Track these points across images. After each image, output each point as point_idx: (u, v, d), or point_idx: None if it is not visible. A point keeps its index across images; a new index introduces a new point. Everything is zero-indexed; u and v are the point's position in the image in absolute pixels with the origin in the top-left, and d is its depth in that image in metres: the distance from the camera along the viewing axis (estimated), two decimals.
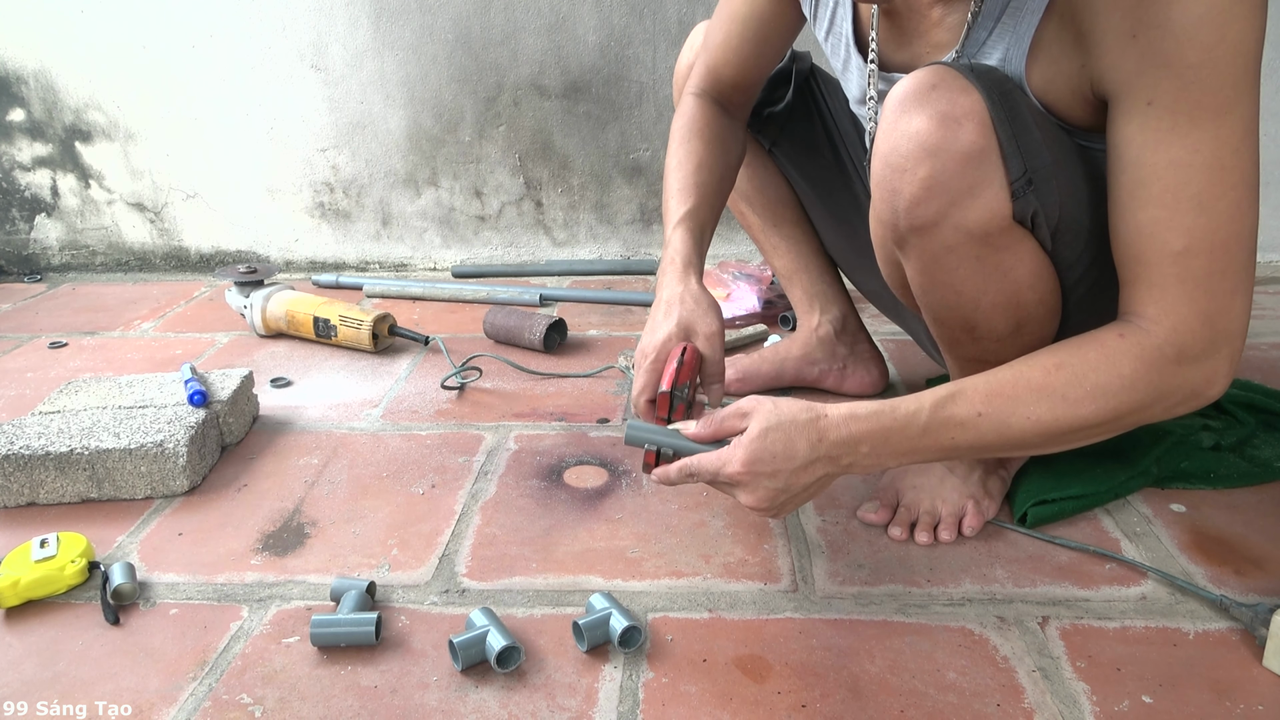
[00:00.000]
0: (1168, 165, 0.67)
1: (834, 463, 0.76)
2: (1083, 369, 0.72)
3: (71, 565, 0.87)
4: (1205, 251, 0.68)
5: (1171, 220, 0.68)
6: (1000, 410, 0.73)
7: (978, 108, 0.71)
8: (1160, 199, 0.68)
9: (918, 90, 0.73)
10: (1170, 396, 0.72)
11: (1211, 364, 0.71)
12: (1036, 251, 0.78)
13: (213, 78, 1.85)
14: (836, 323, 1.25)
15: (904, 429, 0.74)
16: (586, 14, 1.76)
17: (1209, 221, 0.67)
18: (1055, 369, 0.72)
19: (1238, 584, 0.85)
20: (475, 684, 0.75)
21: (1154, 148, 0.68)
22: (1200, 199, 0.67)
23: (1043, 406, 0.72)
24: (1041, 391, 0.72)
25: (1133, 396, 0.71)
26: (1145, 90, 0.67)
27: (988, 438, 0.73)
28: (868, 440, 0.75)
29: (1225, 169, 0.67)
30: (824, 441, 0.75)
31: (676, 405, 0.84)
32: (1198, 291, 0.69)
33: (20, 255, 2.03)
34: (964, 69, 0.72)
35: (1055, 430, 0.73)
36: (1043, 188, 0.73)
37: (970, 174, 0.72)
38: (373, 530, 0.97)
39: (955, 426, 0.73)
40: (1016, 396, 0.73)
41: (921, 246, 0.78)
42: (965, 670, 0.75)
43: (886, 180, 0.76)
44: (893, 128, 0.74)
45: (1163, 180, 0.68)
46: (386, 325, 1.49)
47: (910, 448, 0.75)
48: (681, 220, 0.96)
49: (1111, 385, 0.71)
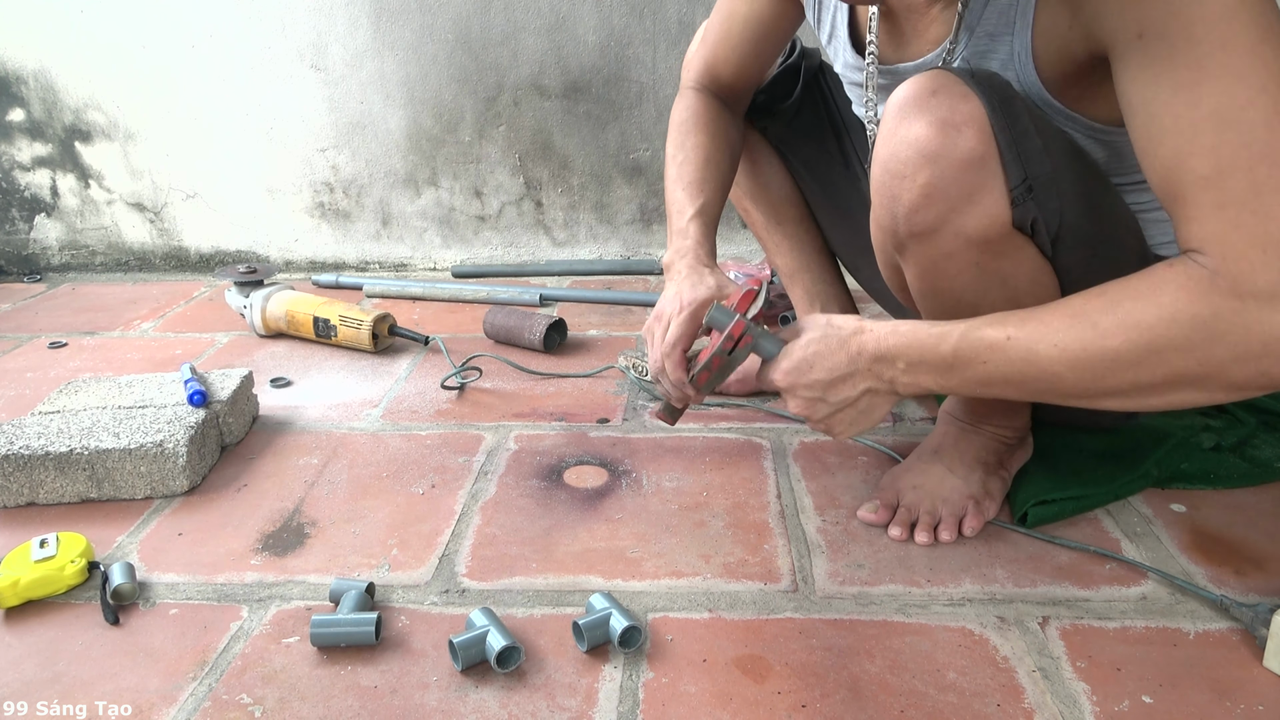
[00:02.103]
0: (1173, 89, 0.62)
1: (876, 377, 0.77)
2: (1120, 296, 0.65)
3: (71, 565, 0.87)
4: (1243, 169, 0.60)
5: (1193, 145, 0.61)
6: (1030, 334, 0.68)
7: (978, 114, 0.70)
8: (1176, 127, 0.62)
9: (918, 96, 0.72)
10: (1230, 339, 0.61)
11: None
12: (1036, 259, 0.78)
13: (212, 78, 1.85)
14: None
15: (936, 345, 0.73)
16: (586, 14, 1.76)
17: (1237, 136, 0.60)
18: (1095, 295, 0.67)
19: (1238, 584, 0.85)
20: (475, 684, 0.75)
21: (1156, 79, 0.62)
22: (1220, 114, 0.60)
23: (1072, 333, 0.66)
24: (1073, 318, 0.67)
25: (1172, 330, 0.63)
26: (1133, 24, 0.63)
27: (1016, 365, 0.69)
28: (903, 355, 0.75)
29: (1244, 75, 0.59)
30: (863, 354, 0.76)
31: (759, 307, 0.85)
32: (1244, 215, 0.60)
33: (20, 255, 2.03)
34: (964, 74, 0.72)
35: (1083, 363, 0.66)
36: (1043, 195, 0.73)
37: (970, 180, 0.72)
38: (373, 530, 0.97)
39: (985, 348, 0.71)
40: (1047, 321, 0.68)
41: (921, 252, 0.78)
42: (965, 670, 0.75)
43: (886, 186, 0.76)
44: (892, 134, 0.74)
45: (1172, 107, 0.62)
46: (386, 325, 1.49)
47: (946, 370, 0.73)
48: (698, 213, 0.97)
49: (1147, 315, 0.63)
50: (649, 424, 1.21)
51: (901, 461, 1.03)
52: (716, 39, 1.04)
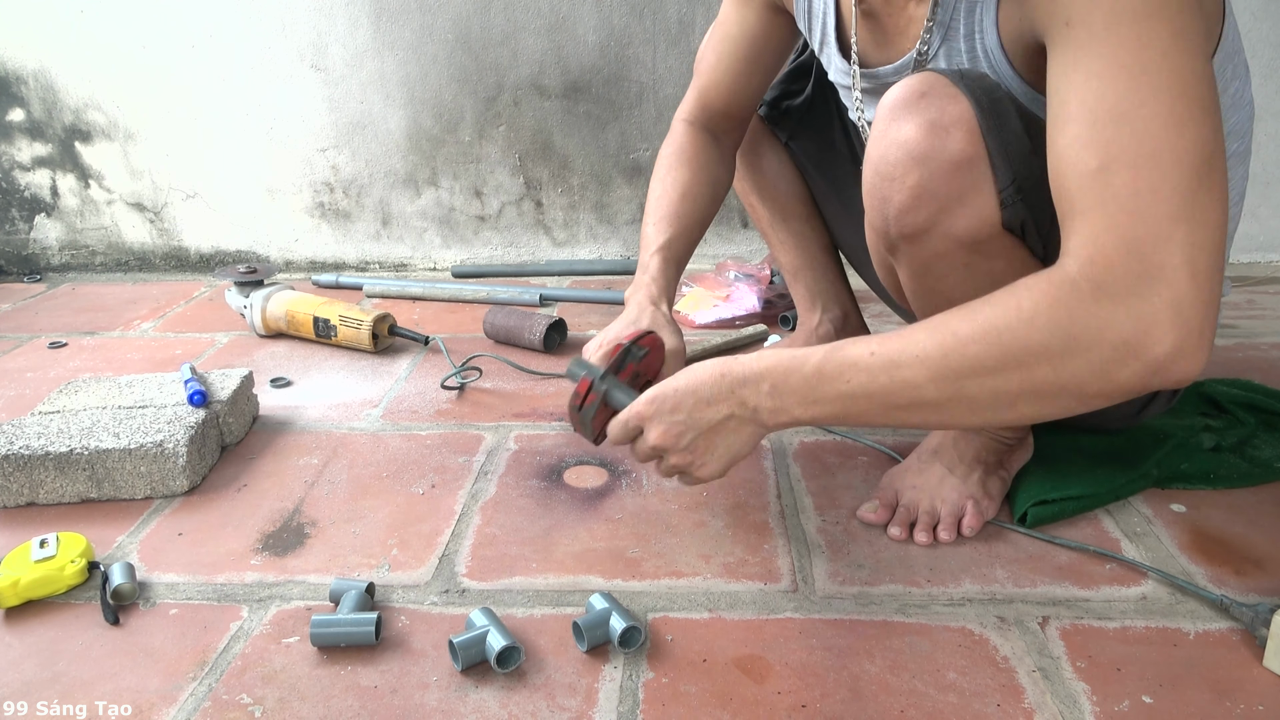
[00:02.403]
0: (1084, 78, 0.61)
1: (740, 403, 0.74)
2: (980, 304, 0.65)
3: (71, 565, 0.87)
4: (1128, 166, 0.59)
5: (1089, 136, 0.60)
6: (892, 348, 0.67)
7: (966, 116, 0.70)
8: (1077, 115, 0.61)
9: (907, 98, 0.73)
10: (1086, 340, 0.60)
11: (1144, 305, 0.58)
12: (1027, 260, 0.78)
13: (212, 78, 1.85)
14: (837, 322, 1.25)
15: (799, 368, 0.71)
16: (586, 14, 1.76)
17: (1130, 131, 0.59)
18: (958, 309, 0.66)
19: (1238, 584, 0.85)
20: (475, 684, 0.75)
21: (1073, 65, 0.62)
22: (1120, 108, 0.59)
23: (932, 342, 0.65)
24: (934, 329, 0.66)
25: (1031, 335, 0.61)
26: (1062, 11, 0.63)
27: (879, 381, 0.67)
28: (768, 377, 0.73)
29: (1149, 71, 0.59)
30: (727, 376, 0.74)
31: (627, 363, 0.84)
32: (1120, 214, 0.59)
33: (20, 255, 2.03)
34: (953, 76, 0.72)
35: (943, 372, 0.65)
36: (1032, 196, 0.73)
37: (959, 182, 0.72)
38: (373, 530, 0.97)
39: (849, 366, 0.69)
40: (908, 335, 0.67)
41: (912, 254, 0.78)
42: (965, 670, 0.75)
43: (877, 188, 0.76)
44: (882, 136, 0.74)
45: (1079, 95, 0.61)
46: (386, 325, 1.49)
47: (809, 391, 0.71)
48: (660, 249, 0.98)
49: (1006, 320, 0.62)
50: None
51: (901, 461, 1.03)
52: (709, 65, 1.05)
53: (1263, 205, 1.82)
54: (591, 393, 0.82)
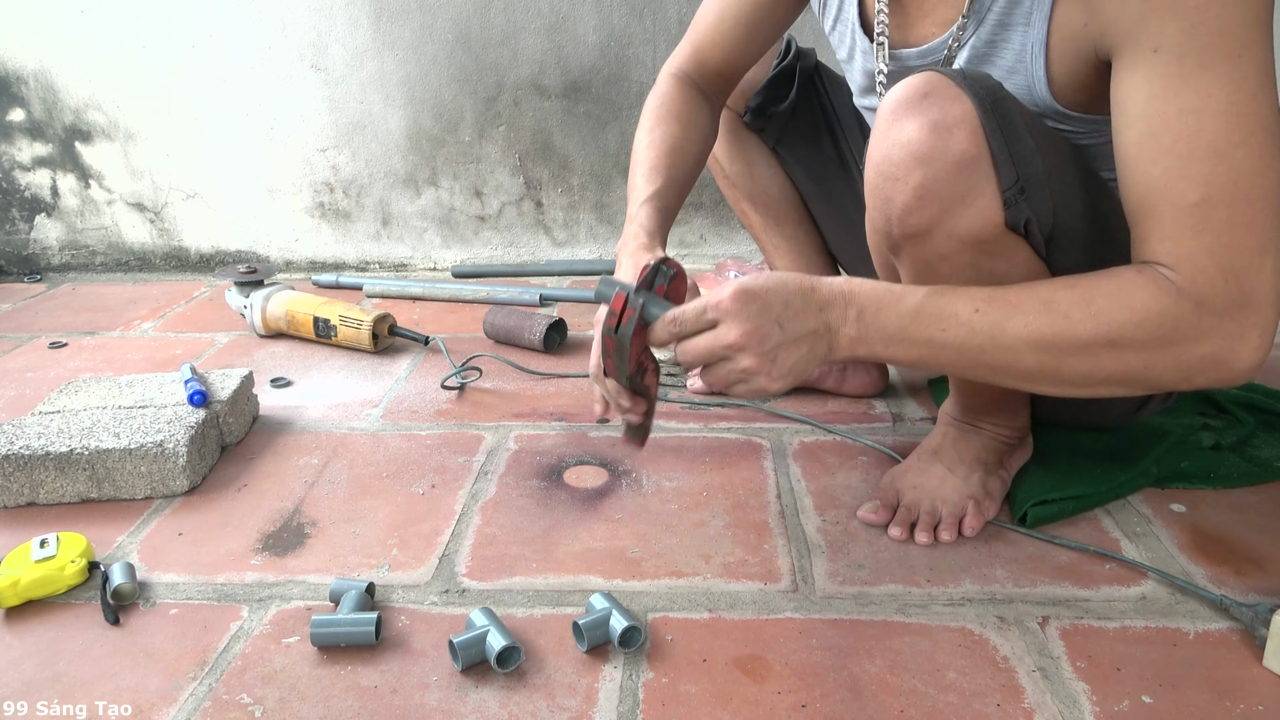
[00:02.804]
0: (1179, 113, 0.64)
1: (823, 321, 0.71)
2: (1092, 292, 0.68)
3: (71, 565, 0.87)
4: (1226, 202, 0.63)
5: (1186, 170, 0.64)
6: (998, 313, 0.69)
7: (969, 116, 0.70)
8: (1173, 149, 0.64)
9: (910, 98, 0.72)
10: (1184, 346, 0.66)
11: (1236, 325, 0.65)
12: (1031, 259, 0.78)
13: (213, 78, 1.85)
14: None
15: (896, 303, 0.71)
16: (586, 14, 1.76)
17: (1229, 170, 0.63)
18: (1066, 287, 0.69)
19: (1238, 584, 0.85)
20: (475, 684, 0.75)
21: (1164, 96, 0.64)
22: (1217, 146, 0.63)
23: (1043, 319, 0.68)
24: (1046, 304, 0.69)
25: (1139, 331, 0.67)
26: (1150, 37, 0.64)
27: (979, 339, 0.70)
28: (857, 302, 0.71)
29: (1243, 114, 0.62)
30: (816, 291, 0.71)
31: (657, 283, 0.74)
32: (1218, 244, 0.64)
33: (20, 255, 2.03)
34: (956, 75, 0.72)
35: (1050, 352, 0.69)
36: (1035, 195, 0.73)
37: (962, 182, 0.72)
38: (373, 530, 0.97)
39: (949, 317, 0.70)
40: (1018, 304, 0.69)
41: (915, 254, 0.78)
42: (965, 670, 0.75)
43: (879, 188, 0.76)
44: (885, 135, 0.74)
45: (1174, 129, 0.64)
46: (386, 325, 1.49)
47: (897, 327, 0.71)
48: (649, 199, 0.93)
49: (1118, 314, 0.67)
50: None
51: (901, 461, 1.03)
52: (708, 25, 1.02)
53: None
54: (628, 308, 0.71)
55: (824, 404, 1.25)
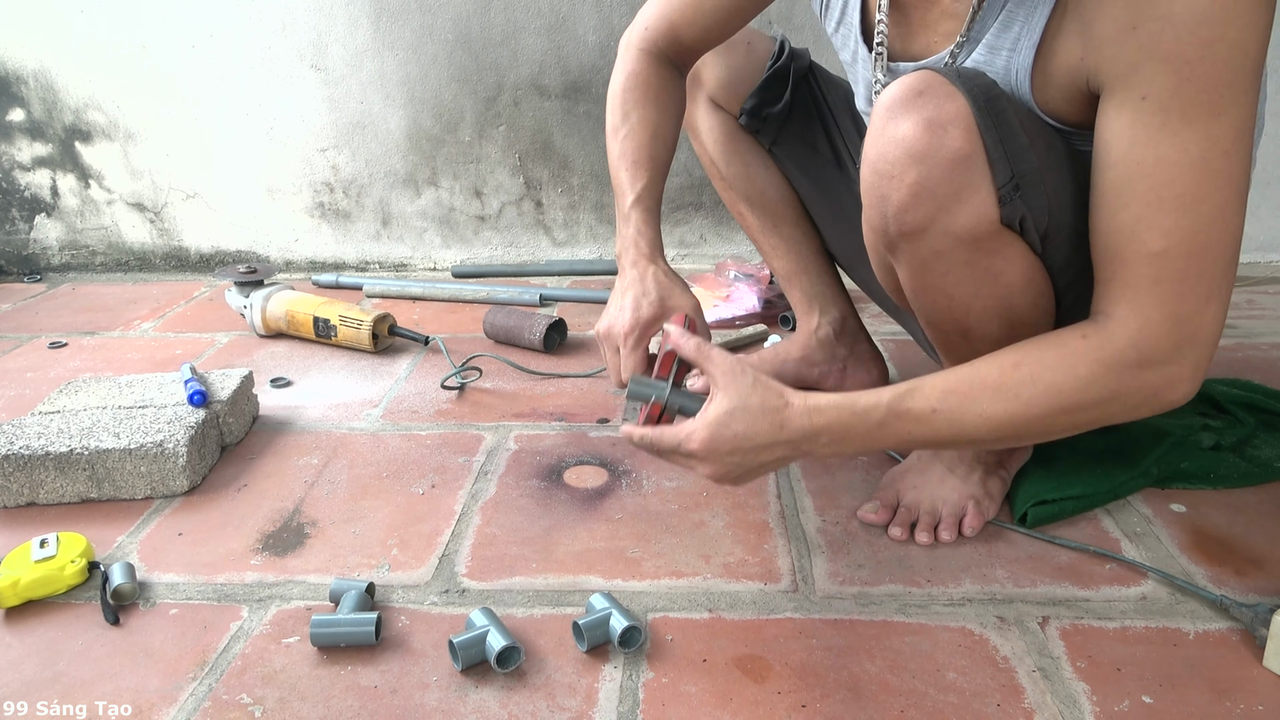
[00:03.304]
0: (1155, 162, 0.67)
1: (794, 448, 0.77)
2: (1039, 369, 0.72)
3: (71, 565, 0.87)
4: (1184, 254, 0.67)
5: (1153, 219, 0.67)
6: (955, 407, 0.73)
7: (964, 113, 0.71)
8: (1144, 197, 0.67)
9: (904, 96, 0.73)
10: (1128, 398, 0.71)
11: (1175, 368, 0.70)
12: (1027, 255, 0.78)
13: (213, 78, 1.85)
14: (836, 324, 1.25)
15: (861, 422, 0.75)
16: (586, 14, 1.76)
17: (1191, 223, 0.67)
18: (1012, 368, 0.73)
19: (1238, 584, 0.85)
20: (475, 684, 0.75)
21: (1143, 144, 0.67)
22: (1184, 200, 0.66)
23: (997, 405, 0.73)
24: (996, 390, 0.73)
25: (1087, 396, 0.71)
26: (1141, 84, 0.66)
27: (943, 433, 0.74)
28: (827, 432, 0.76)
29: (1213, 171, 0.66)
30: (785, 429, 0.76)
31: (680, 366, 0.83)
32: (1170, 294, 0.68)
33: (20, 255, 2.03)
34: (950, 74, 0.72)
35: (1009, 428, 0.73)
36: (1030, 192, 0.73)
37: (957, 179, 0.72)
38: (373, 530, 0.97)
39: (911, 421, 0.74)
40: (971, 394, 0.73)
41: (911, 252, 0.78)
42: (965, 670, 0.75)
43: (875, 186, 0.76)
44: (880, 134, 0.74)
45: (1149, 178, 0.67)
46: (386, 325, 1.49)
47: (867, 441, 0.77)
48: (639, 199, 0.94)
49: (1066, 385, 0.71)
50: None
51: (902, 461, 1.03)
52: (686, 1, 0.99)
53: (1263, 205, 1.82)
54: (665, 414, 0.82)
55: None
